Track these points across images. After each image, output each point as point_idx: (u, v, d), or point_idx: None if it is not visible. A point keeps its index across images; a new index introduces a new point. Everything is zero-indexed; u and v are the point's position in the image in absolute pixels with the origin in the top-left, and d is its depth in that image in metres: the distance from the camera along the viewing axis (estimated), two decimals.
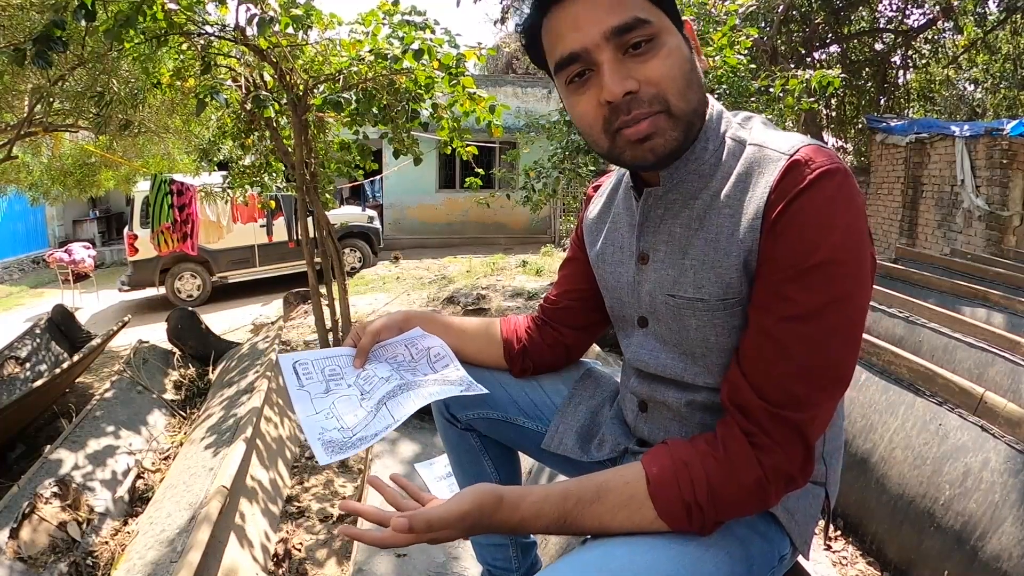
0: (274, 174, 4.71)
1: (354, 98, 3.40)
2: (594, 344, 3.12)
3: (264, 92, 3.50)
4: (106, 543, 2.41)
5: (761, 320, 0.83)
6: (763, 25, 9.29)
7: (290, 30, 3.05)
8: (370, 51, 3.27)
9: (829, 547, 2.11)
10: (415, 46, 3.16)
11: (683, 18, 0.89)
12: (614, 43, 0.82)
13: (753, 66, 5.74)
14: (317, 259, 4.22)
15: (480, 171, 4.51)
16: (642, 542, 0.82)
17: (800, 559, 1.01)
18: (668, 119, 0.83)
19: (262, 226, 9.46)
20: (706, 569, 0.81)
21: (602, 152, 0.89)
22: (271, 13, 2.84)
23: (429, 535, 0.81)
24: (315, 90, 3.56)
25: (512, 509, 0.83)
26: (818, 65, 10.04)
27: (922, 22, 10.89)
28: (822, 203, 0.79)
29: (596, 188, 1.17)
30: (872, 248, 0.83)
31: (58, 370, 3.70)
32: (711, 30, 5.21)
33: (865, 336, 1.83)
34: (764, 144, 0.87)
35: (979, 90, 13.20)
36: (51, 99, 4.64)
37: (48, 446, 2.87)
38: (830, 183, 0.79)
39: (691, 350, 0.93)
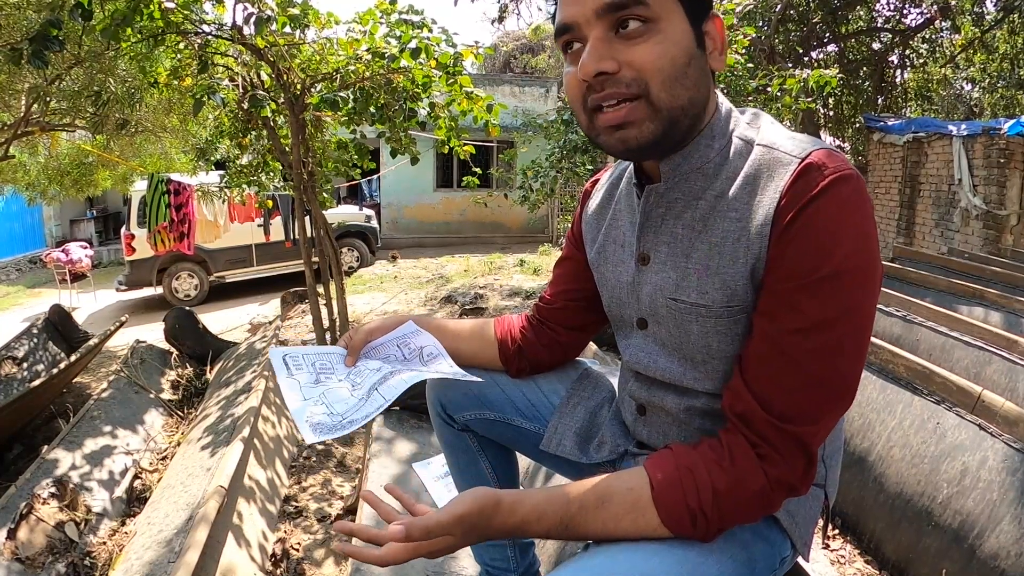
0: (271, 173, 4.71)
1: (351, 97, 3.40)
2: (591, 343, 3.12)
3: (261, 91, 3.50)
4: (104, 543, 2.41)
5: (768, 329, 0.81)
6: (761, 24, 9.29)
7: (287, 29, 3.05)
8: (367, 50, 3.26)
9: (827, 546, 2.11)
10: (412, 45, 3.15)
11: (712, 12, 0.85)
12: (606, 20, 0.80)
13: (751, 65, 5.74)
14: (315, 258, 4.22)
15: (477, 170, 4.52)
16: (644, 548, 0.81)
17: (799, 559, 1.01)
18: (647, 108, 0.80)
19: (259, 226, 9.44)
20: (709, 573, 0.80)
21: (583, 128, 0.88)
22: (268, 12, 2.84)
23: (428, 544, 0.80)
24: (312, 89, 3.56)
25: (511, 511, 0.82)
26: (816, 64, 10.04)
27: (920, 21, 10.89)
28: (835, 210, 0.76)
29: (594, 183, 1.15)
30: (879, 257, 0.81)
31: (55, 370, 3.69)
32: None
33: None
34: (773, 145, 0.84)
35: (976, 89, 13.21)
36: (48, 98, 4.63)
37: (46, 446, 2.86)
38: (843, 189, 0.77)
39: (691, 355, 0.92)
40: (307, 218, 4.19)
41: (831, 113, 11.83)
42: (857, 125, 10.97)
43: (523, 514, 0.82)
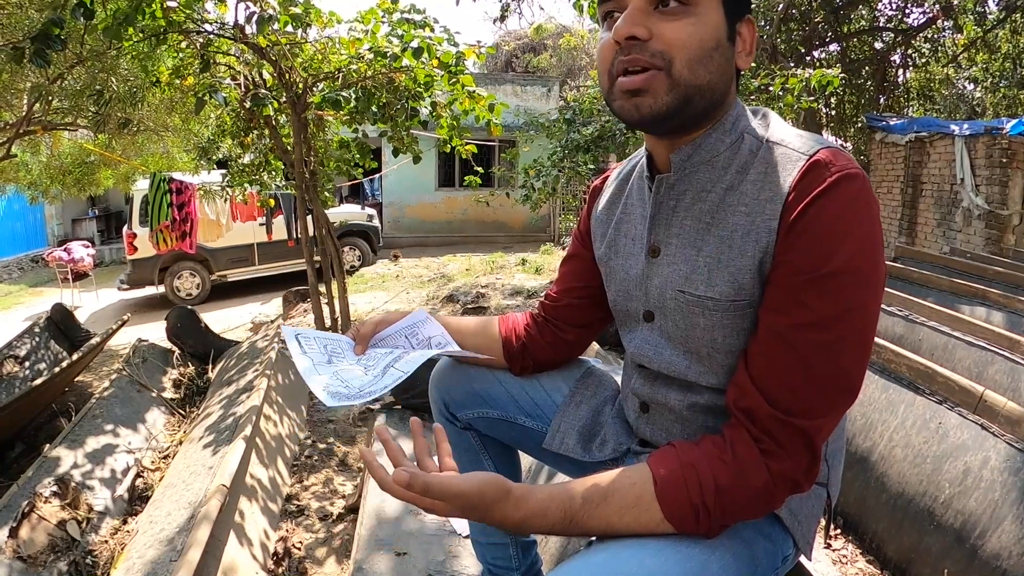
0: (273, 172, 4.72)
1: (353, 96, 3.40)
2: (594, 342, 3.12)
3: (263, 90, 3.50)
4: (105, 542, 2.41)
5: (774, 324, 0.82)
6: (763, 24, 9.29)
7: (289, 28, 3.05)
8: (369, 49, 3.27)
9: (829, 546, 2.11)
10: (414, 44, 3.16)
11: (749, 16, 0.89)
12: None
13: (753, 64, 5.73)
14: (316, 257, 4.22)
15: (479, 169, 4.52)
16: (648, 545, 0.81)
17: (801, 558, 1.01)
18: (666, 80, 0.83)
19: (261, 224, 9.44)
20: (712, 571, 0.80)
21: (603, 92, 0.91)
22: (270, 11, 2.84)
23: (425, 500, 0.80)
24: (314, 88, 3.56)
25: (516, 505, 0.82)
26: (818, 64, 10.03)
27: (922, 21, 10.87)
28: (842, 207, 0.78)
29: (604, 180, 1.16)
30: (884, 256, 0.82)
31: (57, 369, 3.69)
32: None
33: None
34: (782, 142, 0.86)
35: (978, 89, 13.18)
36: (50, 97, 4.63)
37: (47, 445, 2.86)
38: (851, 187, 0.78)
39: (696, 349, 0.92)
40: (309, 217, 4.20)
41: (833, 112, 11.82)
42: (859, 124, 10.96)
43: (527, 509, 0.82)
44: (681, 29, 0.82)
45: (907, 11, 10.97)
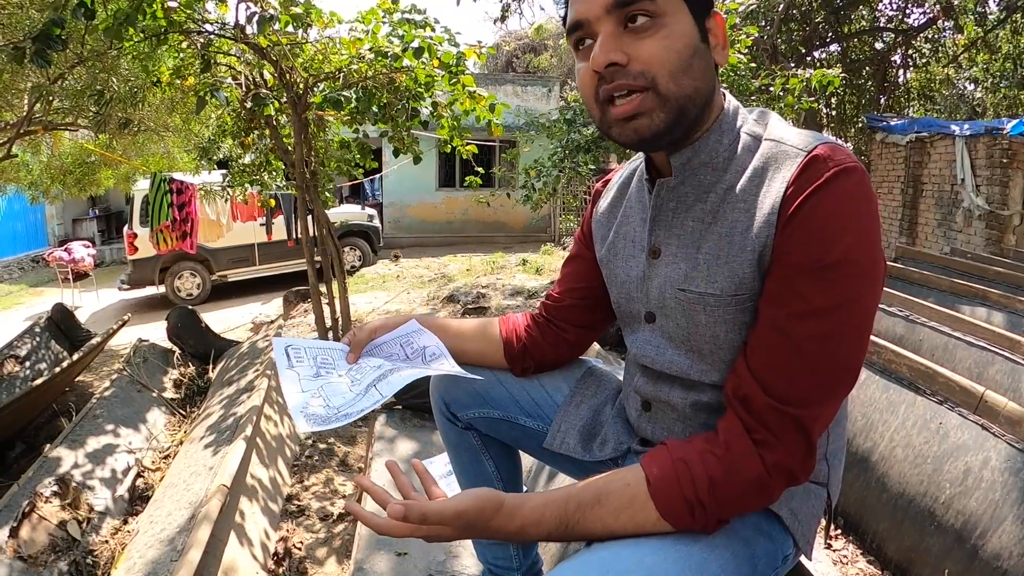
0: (274, 172, 4.72)
1: (354, 96, 3.40)
2: (594, 342, 3.12)
3: (264, 90, 3.51)
4: (106, 542, 2.41)
5: (773, 315, 0.83)
6: (763, 24, 9.27)
7: (290, 28, 3.05)
8: (370, 49, 3.27)
9: (830, 546, 2.11)
10: (415, 44, 3.16)
11: (714, 9, 0.88)
12: (615, 16, 0.83)
13: (753, 65, 5.73)
14: (317, 257, 4.22)
15: (480, 170, 4.51)
16: (647, 543, 0.81)
17: (801, 558, 1.01)
18: (655, 99, 0.83)
19: (262, 225, 9.44)
20: (711, 570, 0.80)
21: (595, 122, 0.91)
22: (271, 11, 2.84)
23: (424, 528, 0.81)
24: (315, 88, 3.56)
25: (510, 516, 0.83)
26: (818, 64, 10.02)
27: (922, 21, 10.86)
28: (840, 200, 0.79)
29: (605, 183, 1.16)
30: (882, 250, 0.83)
31: (58, 369, 3.69)
32: None
33: None
34: (781, 140, 0.87)
35: (979, 89, 13.20)
36: (51, 98, 4.63)
37: (48, 445, 2.86)
38: (848, 181, 0.79)
39: (699, 347, 0.93)
40: (309, 217, 4.19)
41: (834, 113, 11.80)
42: (860, 125, 10.94)
43: (521, 518, 0.83)
44: (656, 45, 0.82)
45: (907, 11, 10.96)
